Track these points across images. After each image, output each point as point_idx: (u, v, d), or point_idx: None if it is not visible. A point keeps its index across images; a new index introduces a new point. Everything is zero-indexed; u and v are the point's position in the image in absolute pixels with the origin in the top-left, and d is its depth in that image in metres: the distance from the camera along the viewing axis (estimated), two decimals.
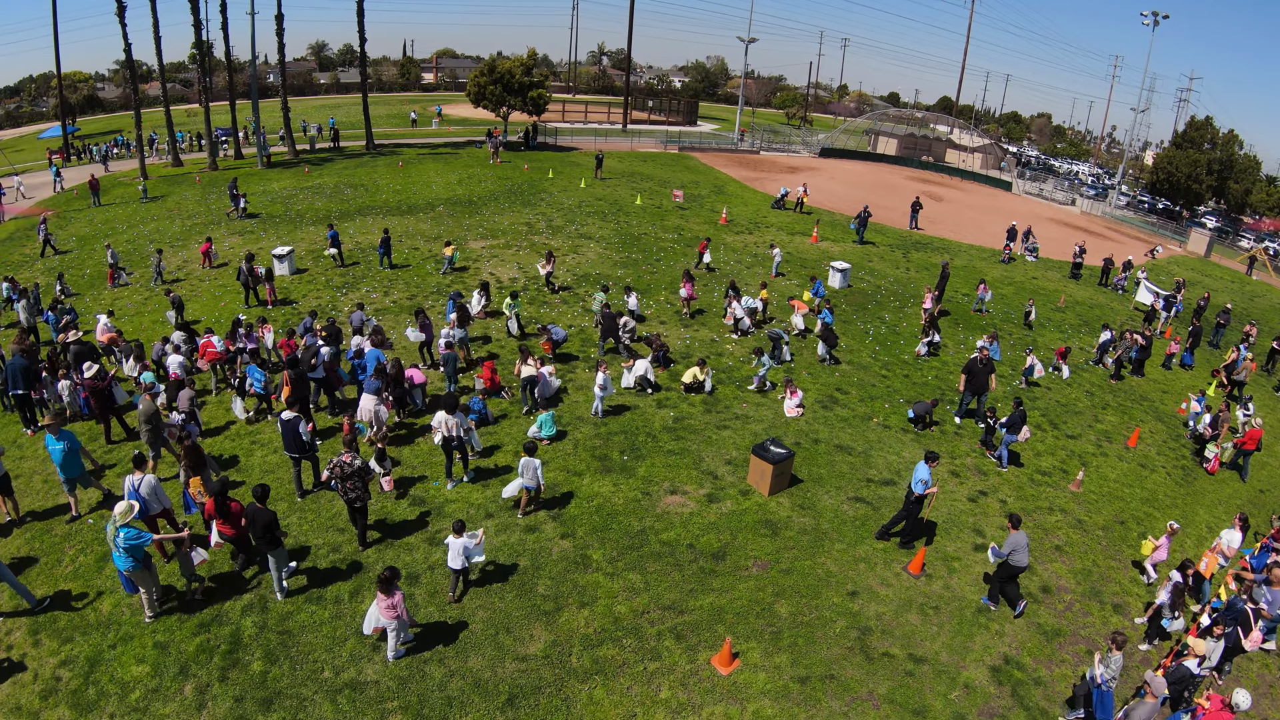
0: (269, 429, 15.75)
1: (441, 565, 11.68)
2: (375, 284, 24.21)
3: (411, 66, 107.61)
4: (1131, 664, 12.10)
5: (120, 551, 9.93)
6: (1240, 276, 46.44)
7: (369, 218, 31.63)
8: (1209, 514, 17.11)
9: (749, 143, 64.32)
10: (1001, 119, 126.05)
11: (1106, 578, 14.16)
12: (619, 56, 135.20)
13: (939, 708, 10.47)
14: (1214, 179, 65.55)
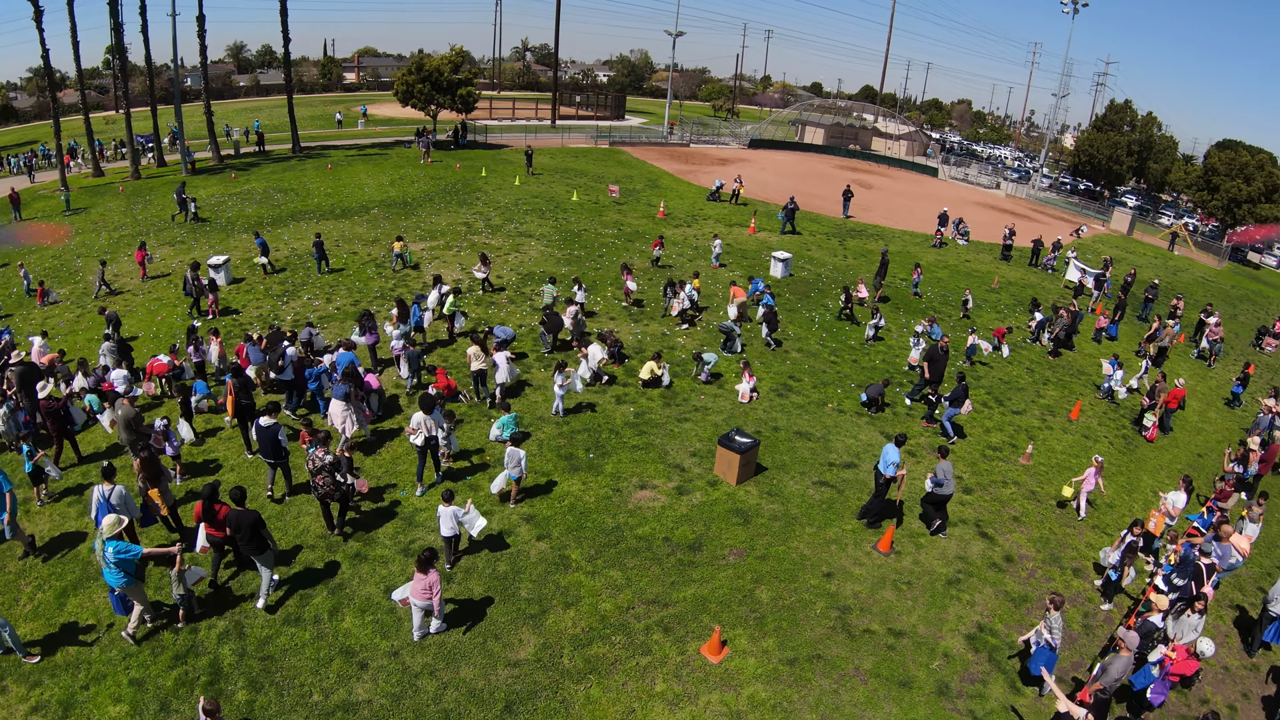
0: (223, 445, 15.30)
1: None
2: (316, 291, 23.64)
3: (333, 66, 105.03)
4: (1095, 623, 12.91)
5: (110, 567, 9.71)
6: (1163, 252, 49.41)
7: (302, 223, 30.85)
8: (1152, 479, 18.27)
9: (678, 136, 64.97)
10: (923, 106, 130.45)
11: (1064, 544, 15.01)
12: (543, 52, 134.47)
13: (922, 678, 10.97)
14: (1134, 160, 69.41)
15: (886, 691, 10.63)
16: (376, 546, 12.25)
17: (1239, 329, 33.51)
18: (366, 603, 11.06)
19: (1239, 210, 54.53)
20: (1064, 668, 11.75)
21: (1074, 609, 13.16)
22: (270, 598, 11.07)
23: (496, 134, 54.66)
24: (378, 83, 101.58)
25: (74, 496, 13.41)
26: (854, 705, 10.30)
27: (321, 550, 12.07)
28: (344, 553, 12.05)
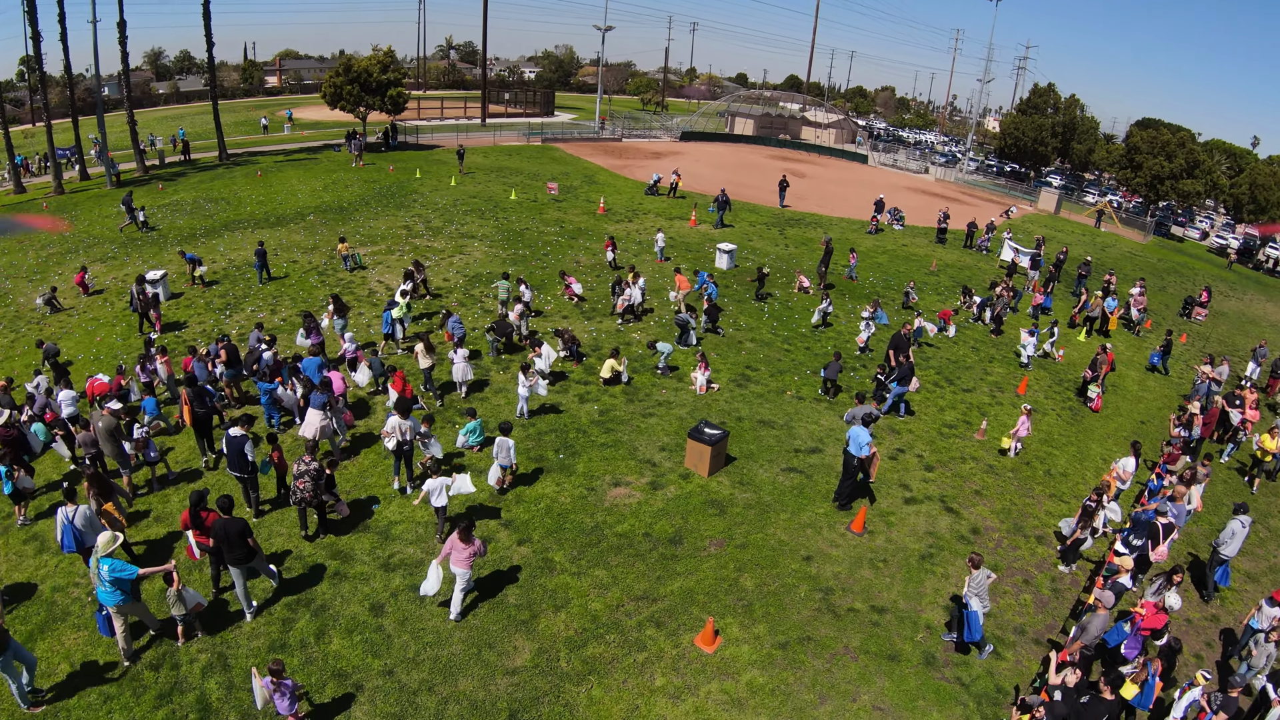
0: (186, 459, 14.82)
1: (404, 590, 11.45)
2: (259, 302, 22.96)
3: (254, 70, 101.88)
4: (1062, 587, 13.63)
5: (106, 586, 9.53)
6: (1090, 230, 51.92)
7: (236, 233, 29.90)
8: (1100, 447, 19.31)
9: (610, 130, 65.18)
10: (848, 94, 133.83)
11: (1025, 514, 15.77)
12: (467, 49, 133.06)
13: (909, 650, 11.44)
14: (1059, 141, 72.68)
15: (877, 666, 11.05)
16: (355, 564, 12.05)
17: (1169, 300, 35.57)
18: (353, 622, 10.87)
19: (1162, 186, 57.74)
20: (1039, 630, 12.43)
21: (1041, 575, 13.89)
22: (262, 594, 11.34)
23: (427, 134, 53.92)
24: (300, 85, 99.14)
25: (32, 532, 12.80)
26: (848, 682, 10.68)
27: (299, 570, 11.80)
28: (322, 574, 11.82)
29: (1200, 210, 74.87)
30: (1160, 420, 21.40)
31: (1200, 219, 72.59)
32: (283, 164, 44.69)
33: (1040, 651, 11.99)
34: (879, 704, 10.38)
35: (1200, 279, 41.63)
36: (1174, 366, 26.36)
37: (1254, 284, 47.50)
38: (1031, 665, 11.63)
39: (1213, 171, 61.41)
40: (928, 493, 16.02)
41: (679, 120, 75.95)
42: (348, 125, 53.71)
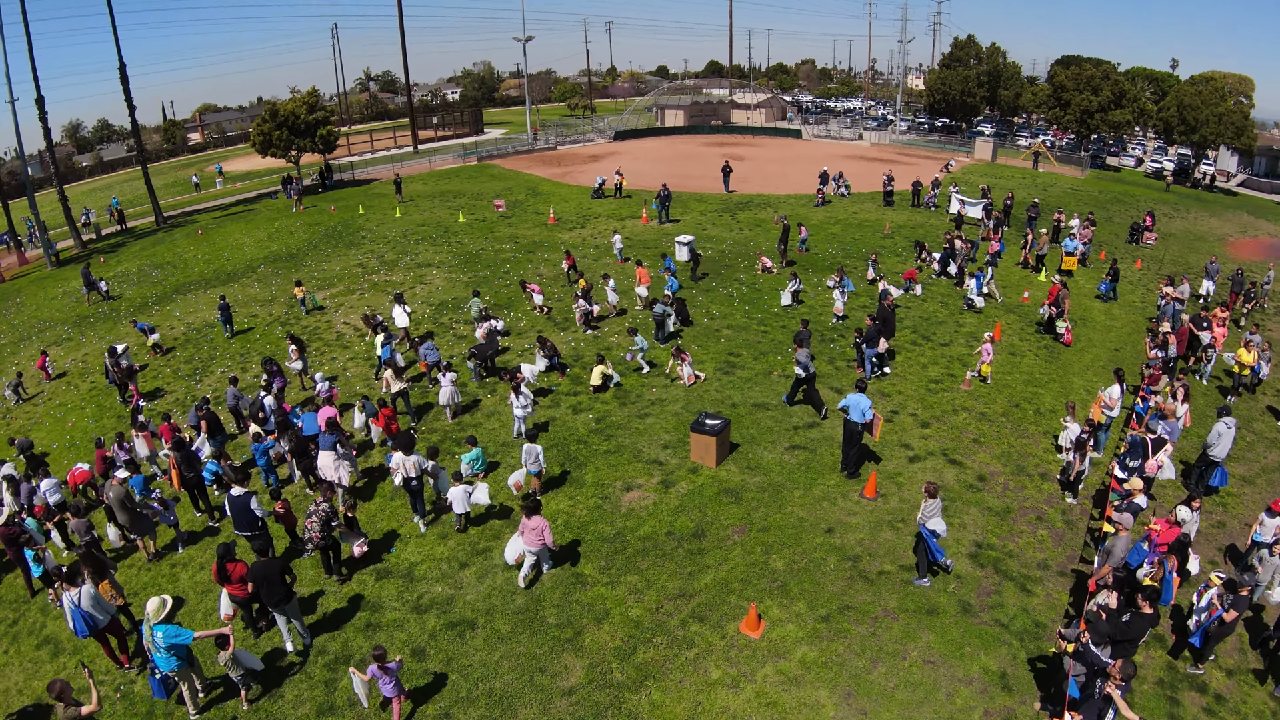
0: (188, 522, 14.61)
1: (444, 632, 11.44)
2: (227, 361, 22.61)
3: (176, 129, 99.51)
4: (1074, 517, 14.20)
5: (161, 652, 9.64)
6: (1029, 172, 53.50)
7: (189, 295, 29.36)
8: (1082, 379, 20.06)
9: (544, 140, 65.24)
10: (770, 72, 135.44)
11: (1025, 455, 16.36)
12: (386, 79, 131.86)
13: (945, 602, 11.84)
14: (985, 90, 74.51)
15: (918, 622, 11.42)
16: (385, 611, 12.00)
17: (1116, 229, 36.85)
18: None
19: (1092, 120, 59.65)
20: (1061, 563, 12.94)
21: (1052, 510, 14.44)
22: (297, 643, 11.36)
23: (362, 169, 53.43)
24: (224, 138, 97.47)
25: (44, 635, 12.54)
26: (894, 642, 11.03)
27: (330, 628, 11.67)
28: (353, 627, 11.71)
29: (1131, 138, 77.36)
30: (1133, 346, 22.26)
31: (1133, 146, 75.07)
32: (222, 219, 43.97)
33: (1065, 583, 12.50)
34: (928, 657, 10.75)
35: (1142, 205, 43.19)
36: (1135, 292, 27.42)
37: (1195, 202, 49.39)
38: (1061, 597, 12.11)
39: (1139, 99, 63.62)
40: (929, 448, 16.49)
41: (609, 121, 76.25)
42: (280, 172, 53.03)
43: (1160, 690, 10.35)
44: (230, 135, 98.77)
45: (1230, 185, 61.96)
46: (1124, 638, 9.11)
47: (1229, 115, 57.08)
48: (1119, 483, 13.81)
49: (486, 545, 13.40)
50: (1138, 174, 62.60)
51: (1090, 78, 60.02)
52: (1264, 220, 46.47)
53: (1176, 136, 59.79)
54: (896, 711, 9.87)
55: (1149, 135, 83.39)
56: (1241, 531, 14.14)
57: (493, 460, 16.09)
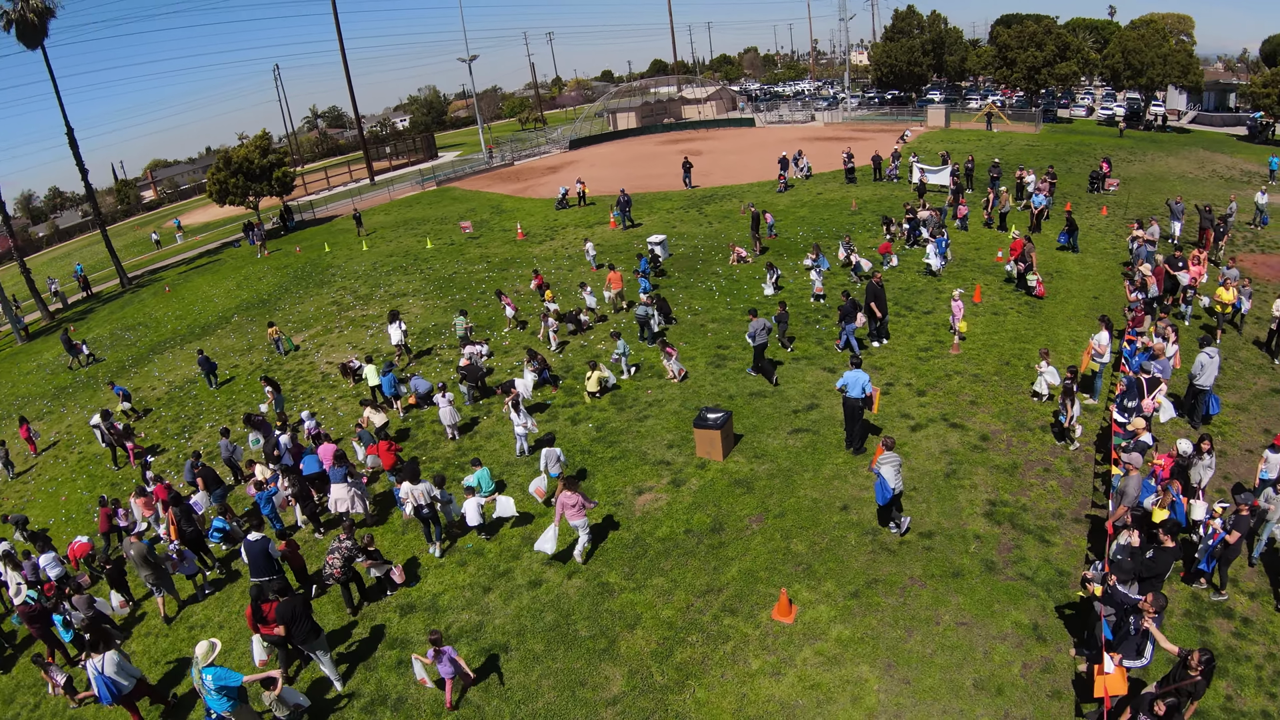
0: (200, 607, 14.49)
1: (477, 658, 11.40)
2: (214, 415, 22.43)
3: (128, 189, 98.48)
4: (1080, 464, 14.50)
5: (213, 694, 9.79)
6: (984, 133, 54.32)
7: (165, 354, 29.11)
8: (1066, 330, 20.48)
9: (500, 157, 65.18)
10: (714, 64, 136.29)
11: (1023, 410, 16.67)
12: (333, 115, 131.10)
13: (968, 564, 12.07)
14: (931, 58, 75.48)
15: (946, 586, 11.63)
16: (414, 647, 11.88)
17: (1078, 179, 37.55)
18: (437, 705, 10.74)
19: (1039, 76, 60.60)
20: (1075, 510, 13.23)
21: (1058, 460, 14.74)
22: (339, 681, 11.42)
23: (322, 206, 53.15)
24: (178, 192, 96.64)
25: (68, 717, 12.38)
26: (926, 608, 11.23)
27: (360, 671, 11.63)
28: (384, 666, 11.66)
29: (1079, 89, 78.74)
30: (1111, 291, 22.73)
31: (1082, 96, 76.48)
32: (188, 273, 43.62)
33: (1081, 529, 12.78)
34: (961, 619, 10.95)
35: (1099, 153, 44.00)
36: (1104, 239, 28.00)
37: (1150, 144, 50.48)
38: (1080, 543, 12.39)
39: (1082, 49, 64.75)
40: (929, 415, 16.76)
41: (562, 130, 76.34)
42: (239, 219, 52.71)
43: (1189, 621, 10.65)
44: (184, 188, 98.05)
45: (1182, 123, 63.40)
46: (1150, 574, 9.37)
47: (1173, 55, 58.32)
48: (1120, 426, 14.12)
49: (507, 567, 13.43)
50: (1090, 123, 63.80)
51: (1033, 34, 61.07)
52: (1220, 154, 47.62)
53: (1124, 82, 61.01)
54: (938, 676, 10.06)
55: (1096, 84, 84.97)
56: (1241, 458, 14.57)
57: (498, 479, 16.12)
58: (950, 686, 9.91)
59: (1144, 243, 22.34)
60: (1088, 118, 67.34)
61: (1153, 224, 24.32)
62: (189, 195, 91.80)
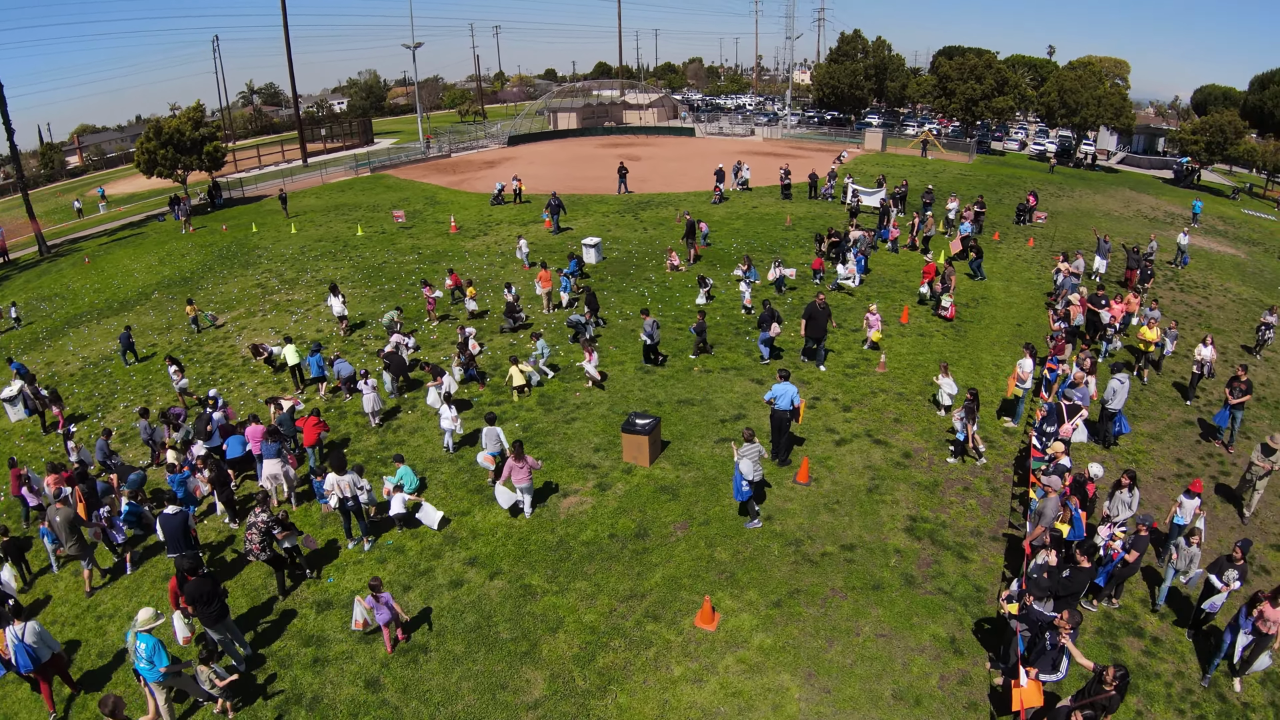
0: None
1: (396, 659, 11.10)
2: (129, 396, 21.21)
3: (54, 153, 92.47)
4: (998, 484, 15.02)
5: (142, 661, 9.76)
6: (919, 160, 56.14)
7: (81, 328, 27.39)
8: (990, 354, 21.26)
9: (437, 148, 64.03)
10: (658, 71, 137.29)
11: (944, 429, 17.20)
12: (269, 92, 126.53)
13: (888, 577, 12.36)
14: (873, 83, 77.63)
15: (866, 598, 11.87)
16: (331, 645, 11.49)
17: (1007, 210, 39.14)
18: (354, 705, 10.38)
19: (977, 108, 62.96)
20: (992, 529, 13.70)
21: (977, 480, 15.26)
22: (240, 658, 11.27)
23: (252, 185, 51.12)
24: (104, 160, 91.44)
25: None
26: (847, 619, 11.43)
27: (274, 668, 11.12)
28: (299, 664, 11.17)
29: (1014, 123, 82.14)
30: (1034, 320, 23.71)
31: (1015, 130, 79.88)
32: (109, 245, 41.25)
33: (999, 547, 13.24)
34: (880, 631, 11.19)
35: (1028, 186, 46.00)
36: (1030, 269, 29.21)
37: (1079, 181, 53.04)
38: (997, 560, 12.83)
39: (1019, 85, 67.59)
40: (854, 431, 17.14)
41: (502, 125, 75.62)
42: (166, 192, 50.32)
43: (1100, 639, 11.16)
44: (111, 156, 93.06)
45: (1111, 163, 66.91)
46: (1065, 592, 9.75)
47: (1107, 97, 61.34)
48: (1038, 450, 14.69)
49: (428, 566, 13.10)
50: (1022, 157, 66.69)
51: (974, 67, 63.52)
52: (1146, 195, 50.39)
53: (1058, 119, 63.83)
54: (858, 686, 10.24)
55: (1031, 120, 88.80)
56: (1154, 485, 15.45)
57: (421, 475, 15.74)
58: (870, 696, 10.10)
59: (1068, 275, 23.39)
60: (1020, 151, 70.38)
61: (1078, 257, 25.53)
62: (115, 164, 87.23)
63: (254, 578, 13.16)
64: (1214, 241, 38.48)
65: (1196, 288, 29.12)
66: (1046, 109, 64.08)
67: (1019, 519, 13.89)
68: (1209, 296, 28.17)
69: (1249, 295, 29.02)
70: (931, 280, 24.52)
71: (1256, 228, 45.22)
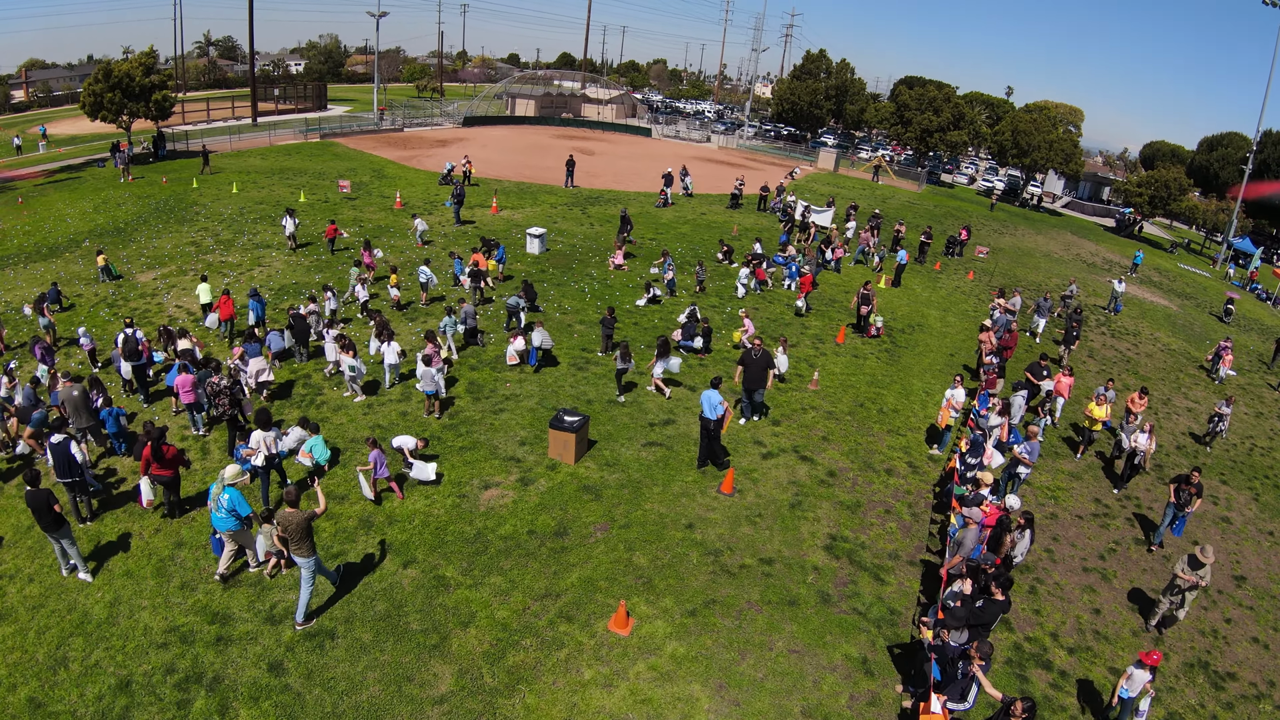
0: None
1: (302, 643, 10.70)
2: None
3: None
4: (919, 510, 15.35)
5: (222, 512, 11.45)
6: (869, 184, 57.31)
7: (7, 270, 25.84)
8: (920, 381, 21.77)
9: (391, 121, 62.53)
10: (621, 69, 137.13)
11: (871, 451, 17.54)
12: (226, 45, 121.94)
13: (804, 594, 12.50)
14: (832, 103, 78.88)
15: (781, 613, 11.98)
16: (236, 624, 11.04)
17: (938, 243, 40.16)
18: (255, 688, 9.98)
19: (931, 139, 64.63)
20: (910, 553, 14.00)
21: (899, 503, 15.59)
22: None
23: (198, 140, 49.00)
24: (50, 98, 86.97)
25: None
26: (760, 633, 11.50)
27: (176, 646, 10.57)
28: (201, 641, 10.69)
29: (965, 157, 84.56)
30: (968, 351, 24.38)
31: (965, 165, 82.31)
32: (44, 187, 39.00)
33: (915, 572, 13.53)
34: (793, 647, 11.29)
35: (974, 220, 47.45)
36: (967, 301, 30.06)
37: (1023, 220, 55.01)
38: (913, 585, 13.11)
39: (975, 121, 69.66)
40: (781, 445, 17.33)
41: (458, 105, 74.41)
42: (108, 137, 47.96)
43: (1010, 669, 11.49)
44: (57, 95, 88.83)
45: (1055, 206, 69.57)
46: (978, 622, 10.01)
47: (1060, 143, 63.72)
48: (960, 478, 15.05)
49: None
50: (970, 191, 68.82)
51: (933, 99, 65.15)
52: (1086, 240, 52.48)
53: (1010, 159, 66.03)
54: (768, 700, 10.30)
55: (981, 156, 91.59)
56: (1070, 522, 16.07)
57: (334, 446, 15.36)
58: (779, 711, 10.16)
59: (1004, 311, 24.12)
60: (968, 185, 72.51)
61: (1015, 295, 26.37)
62: (61, 103, 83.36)
63: (162, 548, 12.62)
64: (1148, 292, 40.31)
65: (1127, 334, 30.42)
66: (999, 147, 66.25)
67: (936, 544, 14.22)
68: (1139, 344, 29.43)
69: (1177, 346, 30.44)
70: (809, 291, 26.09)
71: (1191, 282, 47.56)
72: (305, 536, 10.69)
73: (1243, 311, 40.14)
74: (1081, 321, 25.79)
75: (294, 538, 10.67)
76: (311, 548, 10.81)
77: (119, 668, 10.28)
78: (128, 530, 13.07)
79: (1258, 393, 26.41)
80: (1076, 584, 14.13)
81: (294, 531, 10.63)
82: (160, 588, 11.76)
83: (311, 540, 10.82)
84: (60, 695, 9.81)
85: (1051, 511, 16.28)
